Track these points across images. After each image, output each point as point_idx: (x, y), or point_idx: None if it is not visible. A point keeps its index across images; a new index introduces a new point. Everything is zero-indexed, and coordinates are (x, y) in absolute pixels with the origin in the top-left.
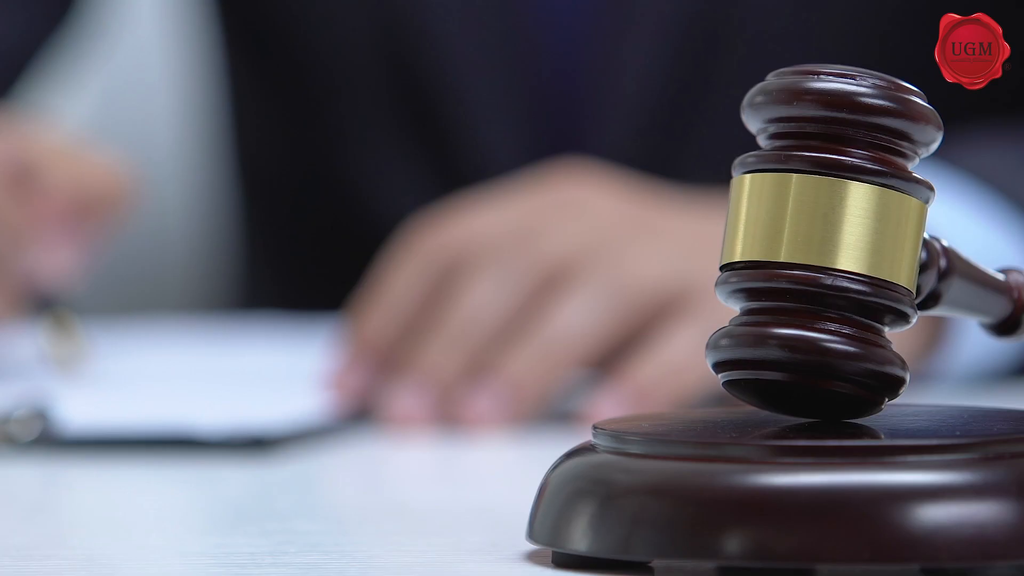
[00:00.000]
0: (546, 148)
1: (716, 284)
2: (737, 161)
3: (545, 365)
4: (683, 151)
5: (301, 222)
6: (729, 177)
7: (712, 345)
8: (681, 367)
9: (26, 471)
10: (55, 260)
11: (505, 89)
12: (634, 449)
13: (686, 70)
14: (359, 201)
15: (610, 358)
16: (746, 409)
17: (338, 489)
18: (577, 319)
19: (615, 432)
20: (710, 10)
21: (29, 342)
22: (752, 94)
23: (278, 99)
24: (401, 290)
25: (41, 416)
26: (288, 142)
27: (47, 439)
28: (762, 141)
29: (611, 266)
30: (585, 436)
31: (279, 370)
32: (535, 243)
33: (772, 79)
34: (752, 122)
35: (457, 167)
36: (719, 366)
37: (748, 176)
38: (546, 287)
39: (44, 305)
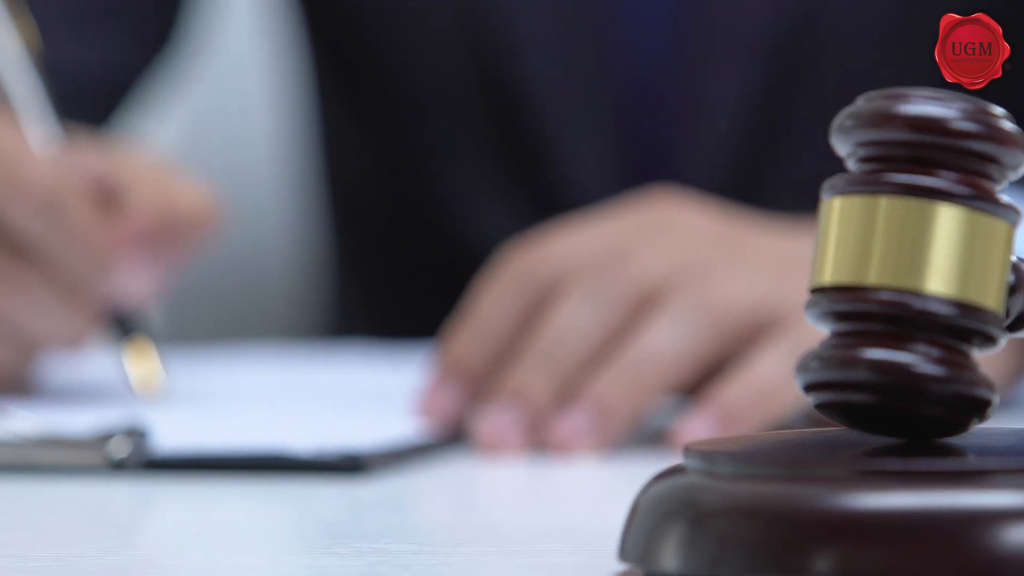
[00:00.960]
0: (634, 175)
1: (806, 307)
2: (826, 184)
3: (635, 388)
4: (769, 178)
5: (393, 249)
6: (816, 203)
7: (802, 367)
8: (771, 390)
9: (120, 492)
10: (137, 282)
11: (594, 117)
12: (724, 470)
13: (772, 96)
14: (451, 228)
15: (700, 380)
16: (836, 430)
17: (430, 509)
18: (667, 342)
19: (705, 453)
20: (795, 35)
21: (111, 365)
22: (841, 118)
23: (370, 125)
24: (491, 312)
25: (136, 437)
26: (379, 169)
27: (142, 460)
28: (851, 164)
29: (701, 288)
30: (674, 458)
31: (372, 391)
32: (625, 264)
33: (861, 103)
34: (841, 145)
35: (547, 195)
36: (808, 388)
37: (837, 199)
38: (636, 309)
39: (125, 328)
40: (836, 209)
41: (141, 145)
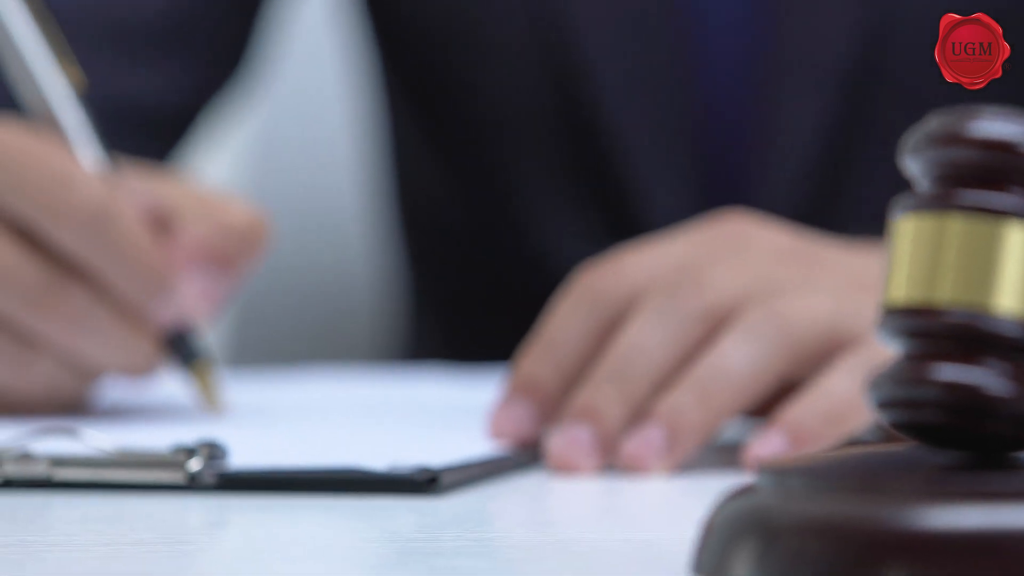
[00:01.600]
0: (708, 199)
1: (877, 325)
2: (897, 203)
3: (706, 406)
4: (842, 202)
5: (467, 272)
6: (887, 227)
7: (873, 386)
8: (842, 408)
9: (197, 508)
10: (194, 303)
11: (669, 142)
12: (796, 488)
13: (845, 120)
14: (527, 251)
15: (772, 399)
16: (907, 447)
17: (504, 526)
18: (739, 360)
19: (777, 471)
20: (867, 60)
21: (174, 385)
22: (911, 138)
23: (444, 148)
24: (563, 331)
25: (214, 455)
26: (454, 192)
27: (220, 477)
28: (921, 184)
29: (773, 306)
30: (745, 475)
31: (447, 410)
32: (697, 282)
33: (931, 122)
34: (911, 165)
35: (622, 218)
36: (880, 407)
37: (908, 218)
38: (708, 327)
39: (185, 348)
40: (907, 228)
41: (187, 173)
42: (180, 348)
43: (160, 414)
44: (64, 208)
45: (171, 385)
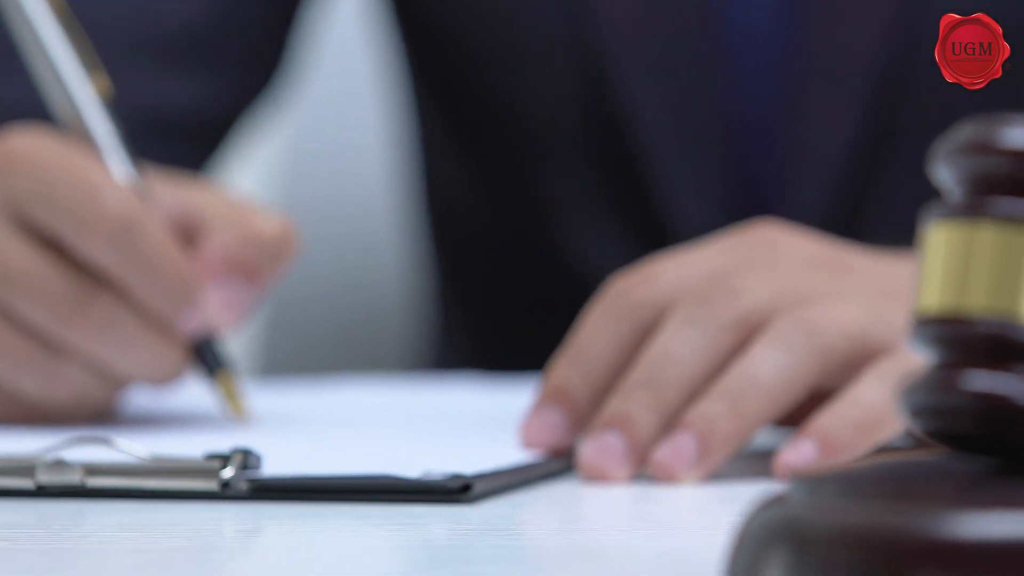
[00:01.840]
0: (739, 209)
1: (908, 334)
2: (928, 212)
3: (737, 415)
4: (873, 211)
5: (499, 282)
6: (918, 235)
7: (904, 394)
8: (874, 417)
9: (230, 516)
10: (219, 316)
11: (700, 153)
12: (828, 497)
13: (876, 130)
14: (558, 263)
15: (802, 408)
16: (939, 456)
17: (536, 534)
18: (770, 368)
19: (809, 480)
20: (898, 70)
21: (200, 393)
22: (941, 147)
23: (476, 159)
24: (594, 340)
25: (248, 462)
26: (486, 202)
27: (254, 485)
28: (953, 193)
29: (805, 314)
30: (777, 484)
31: (478, 418)
32: (728, 290)
33: (961, 131)
34: (942, 174)
35: (654, 229)
36: (911, 415)
37: (939, 226)
38: (739, 335)
39: (212, 356)
40: (938, 237)
41: (219, 182)
42: (204, 357)
43: (190, 422)
44: (91, 219)
45: (197, 392)
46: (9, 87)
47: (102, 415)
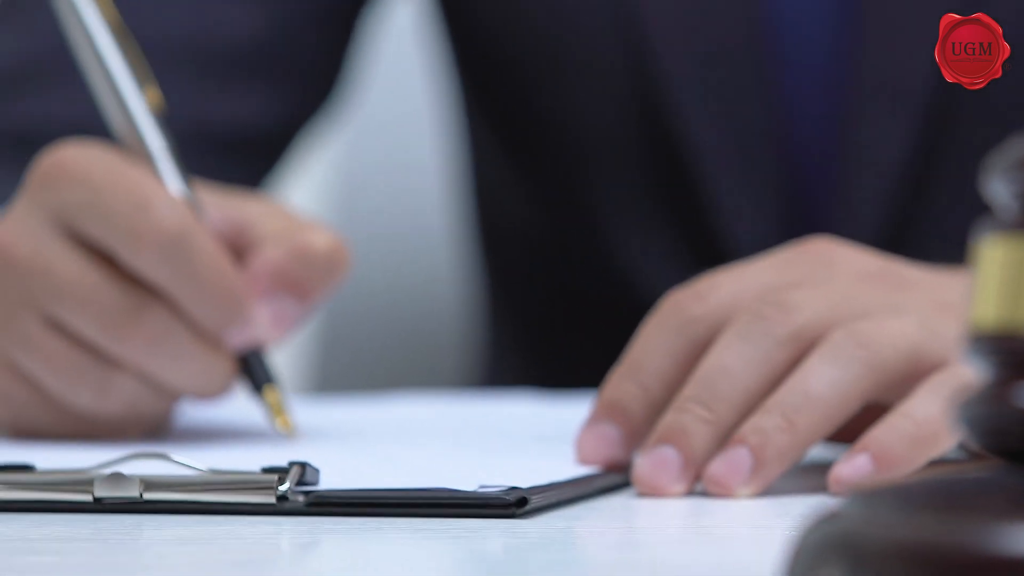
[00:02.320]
0: (793, 228)
1: (962, 348)
2: (981, 226)
3: (792, 430)
4: (925, 225)
5: (551, 300)
6: (971, 250)
7: (959, 409)
8: (929, 432)
9: (287, 530)
10: (268, 330)
11: (753, 171)
12: (883, 512)
13: (928, 150)
14: (613, 280)
15: (857, 423)
16: (993, 469)
17: (591, 547)
18: (825, 383)
19: (864, 495)
20: (951, 89)
21: (247, 408)
22: (994, 160)
23: (529, 175)
24: (648, 355)
25: (303, 476)
26: (539, 220)
27: (311, 499)
28: (1007, 207)
29: (860, 329)
30: (831, 498)
31: (534, 432)
32: (783, 305)
33: (1016, 145)
34: (996, 188)
35: (708, 247)
36: (965, 430)
37: (993, 241)
38: (794, 350)
39: (259, 371)
40: (992, 251)
41: (271, 196)
42: (251, 371)
43: (244, 436)
44: (142, 232)
45: (248, 406)
46: (69, 104)
47: (155, 429)
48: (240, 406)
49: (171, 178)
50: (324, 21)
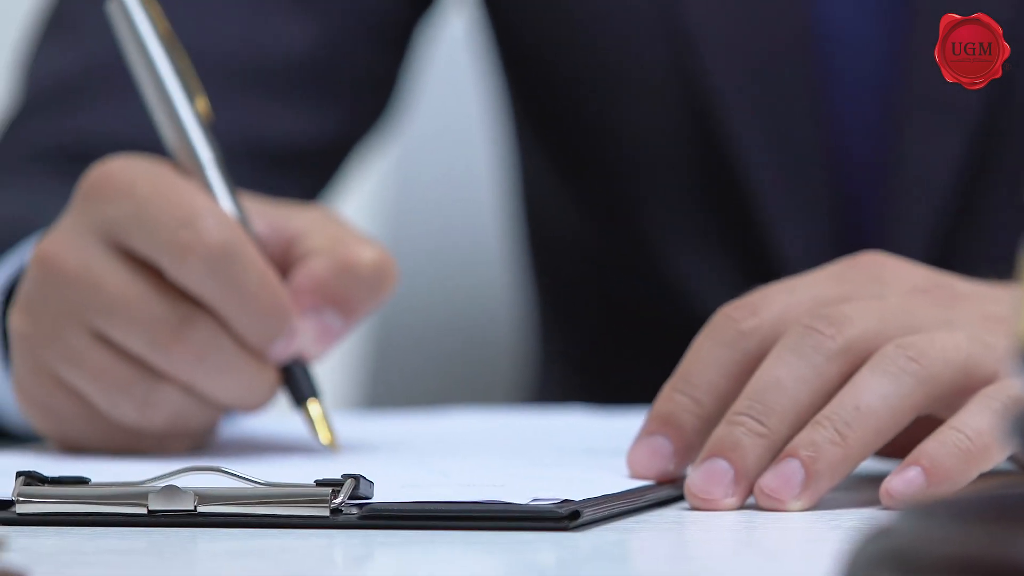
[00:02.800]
0: (840, 237)
1: (1011, 362)
2: None
3: (844, 443)
4: (974, 241)
5: (600, 312)
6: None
7: (1010, 422)
8: (980, 446)
9: (340, 543)
10: (311, 344)
11: (800, 181)
12: (935, 526)
13: (978, 168)
14: (659, 291)
15: (909, 436)
16: None
17: (643, 561)
18: (876, 397)
19: (916, 509)
20: (1000, 95)
21: (291, 421)
22: None
23: (579, 190)
24: (700, 368)
25: (356, 489)
26: (586, 229)
27: (364, 512)
28: None
29: (911, 343)
30: (883, 512)
31: (586, 446)
32: (834, 320)
33: None
34: None
35: (755, 257)
36: (1017, 445)
37: None
38: (846, 364)
39: (299, 387)
40: None
41: (323, 206)
42: (295, 384)
43: (295, 449)
44: (187, 246)
45: (287, 421)
46: (123, 119)
47: (200, 442)
48: (290, 419)
49: (219, 190)
50: (378, 37)
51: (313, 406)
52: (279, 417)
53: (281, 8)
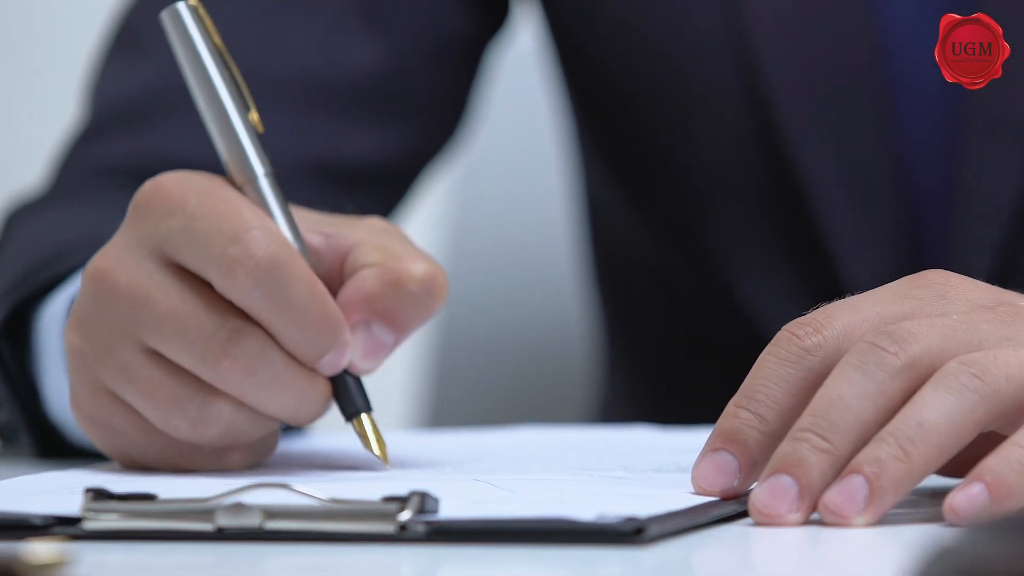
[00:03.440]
0: (906, 256)
1: None
2: None
3: (907, 460)
4: None
5: (666, 330)
6: None
7: None
8: None
9: (406, 559)
10: (359, 360)
11: (867, 201)
12: (1000, 543)
13: None
14: (728, 312)
15: (972, 452)
16: None
17: None
18: (940, 414)
19: (980, 525)
20: None
21: (342, 436)
22: None
23: (643, 205)
24: (765, 385)
25: (423, 505)
26: (652, 248)
27: (431, 528)
28: None
29: (975, 360)
30: (946, 527)
31: (650, 462)
32: (898, 337)
33: None
34: None
35: (821, 277)
36: None
37: None
38: (909, 382)
39: (354, 398)
40: None
41: (378, 221)
42: (346, 397)
43: (359, 464)
44: (236, 261)
45: (337, 435)
46: (186, 141)
47: (260, 455)
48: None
49: (270, 203)
50: (448, 57)
51: (365, 420)
52: (343, 433)
53: (351, 28)
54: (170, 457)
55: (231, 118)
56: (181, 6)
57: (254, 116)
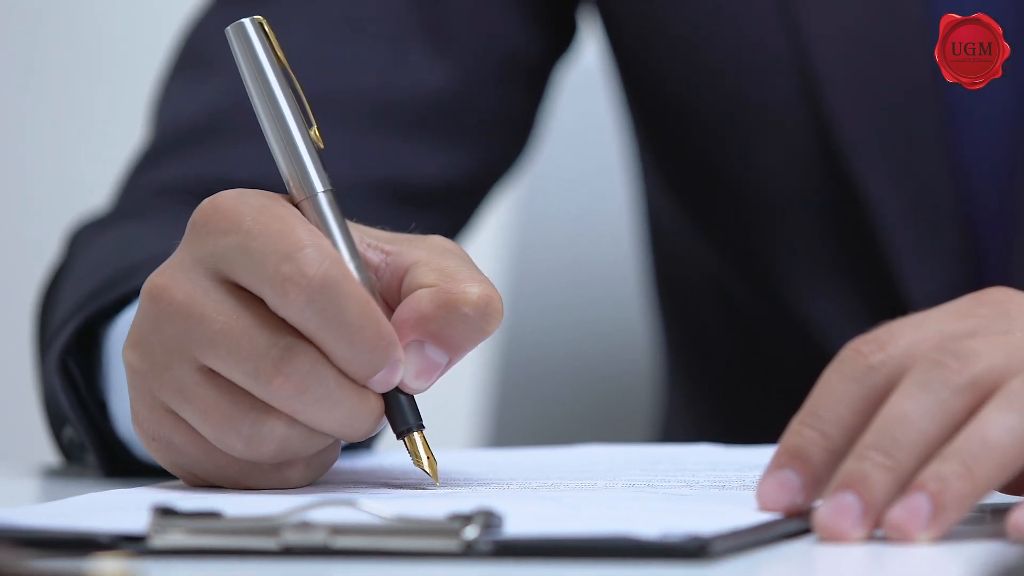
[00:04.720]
0: (968, 276)
1: None
2: None
3: (971, 477)
4: None
5: (728, 349)
6: None
7: None
8: None
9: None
10: (410, 380)
11: (929, 223)
12: None
13: None
14: (790, 331)
15: None
16: None
17: None
18: (1002, 433)
19: None
20: None
21: (394, 454)
22: None
23: (705, 223)
24: (829, 403)
25: (488, 522)
26: (714, 267)
27: (493, 545)
28: None
29: None
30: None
31: (715, 480)
32: (961, 355)
33: None
34: None
35: (884, 297)
36: None
37: None
38: (972, 400)
39: (407, 416)
40: None
41: (439, 239)
42: (397, 415)
43: (420, 482)
44: (289, 279)
45: (388, 453)
46: (250, 162)
47: (319, 471)
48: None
49: (328, 221)
50: (514, 78)
51: (416, 438)
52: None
53: (418, 47)
54: (230, 474)
55: (292, 134)
56: (246, 21)
57: (315, 132)
